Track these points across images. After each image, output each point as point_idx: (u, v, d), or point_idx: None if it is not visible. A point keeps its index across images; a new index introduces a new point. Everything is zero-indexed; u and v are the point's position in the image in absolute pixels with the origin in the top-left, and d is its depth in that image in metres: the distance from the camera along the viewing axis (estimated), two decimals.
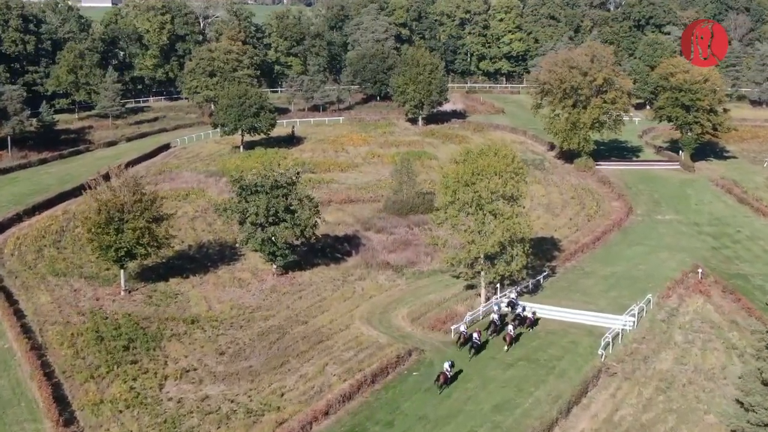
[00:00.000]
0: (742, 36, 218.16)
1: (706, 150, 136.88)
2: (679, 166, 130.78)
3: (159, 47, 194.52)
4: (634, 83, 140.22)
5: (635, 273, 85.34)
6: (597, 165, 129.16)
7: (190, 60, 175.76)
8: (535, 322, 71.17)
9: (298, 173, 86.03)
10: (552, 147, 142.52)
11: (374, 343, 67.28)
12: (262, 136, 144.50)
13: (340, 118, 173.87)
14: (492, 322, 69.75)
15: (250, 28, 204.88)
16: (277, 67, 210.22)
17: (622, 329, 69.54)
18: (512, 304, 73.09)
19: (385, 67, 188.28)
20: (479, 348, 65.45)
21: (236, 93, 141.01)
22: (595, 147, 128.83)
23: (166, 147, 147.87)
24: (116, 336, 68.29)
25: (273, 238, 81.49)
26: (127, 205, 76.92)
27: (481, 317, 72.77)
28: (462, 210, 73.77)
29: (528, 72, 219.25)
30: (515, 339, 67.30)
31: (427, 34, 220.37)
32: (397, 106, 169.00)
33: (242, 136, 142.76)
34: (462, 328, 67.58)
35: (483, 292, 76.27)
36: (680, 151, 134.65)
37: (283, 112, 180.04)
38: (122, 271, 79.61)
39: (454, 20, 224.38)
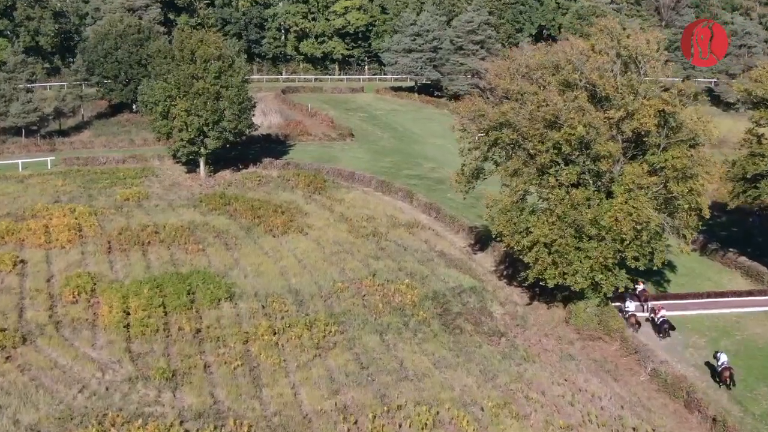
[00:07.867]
0: None
1: None
2: None
3: None
4: None
5: None
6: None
7: None
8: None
9: None
10: (479, 241, 67.32)
11: None
12: None
13: (49, 158, 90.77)
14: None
15: None
16: None
17: None
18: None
19: (142, 56, 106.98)
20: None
21: None
22: None
23: None
24: None
25: None
26: None
27: None
28: None
29: (375, 57, 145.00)
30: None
31: None
32: (157, 139, 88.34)
33: None
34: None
35: None
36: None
37: None
38: None
39: None
